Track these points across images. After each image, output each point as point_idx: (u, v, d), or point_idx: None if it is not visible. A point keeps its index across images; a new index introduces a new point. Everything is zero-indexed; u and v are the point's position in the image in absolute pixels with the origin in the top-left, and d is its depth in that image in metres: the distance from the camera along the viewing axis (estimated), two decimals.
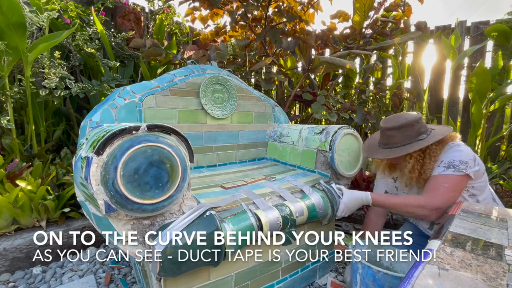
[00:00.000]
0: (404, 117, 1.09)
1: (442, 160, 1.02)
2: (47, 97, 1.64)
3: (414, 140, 1.06)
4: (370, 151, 1.21)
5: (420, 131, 1.07)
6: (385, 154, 1.11)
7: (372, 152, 1.19)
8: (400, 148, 1.07)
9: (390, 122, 1.10)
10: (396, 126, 1.07)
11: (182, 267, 0.72)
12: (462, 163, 0.97)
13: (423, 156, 1.06)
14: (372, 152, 1.20)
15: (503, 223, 0.71)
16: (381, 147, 1.16)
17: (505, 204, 1.59)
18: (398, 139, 1.08)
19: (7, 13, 1.31)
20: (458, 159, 0.99)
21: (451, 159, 1.00)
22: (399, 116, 1.11)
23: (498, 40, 2.27)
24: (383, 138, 1.14)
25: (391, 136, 1.10)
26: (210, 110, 1.41)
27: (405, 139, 1.07)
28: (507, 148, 2.30)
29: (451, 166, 0.98)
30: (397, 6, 2.14)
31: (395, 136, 1.08)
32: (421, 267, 0.50)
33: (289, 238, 1.01)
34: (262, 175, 1.25)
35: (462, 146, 1.03)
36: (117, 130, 0.67)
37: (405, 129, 1.06)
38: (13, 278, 1.15)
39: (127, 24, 2.38)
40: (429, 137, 1.06)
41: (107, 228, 0.72)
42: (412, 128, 1.06)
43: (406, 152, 1.05)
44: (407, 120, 1.06)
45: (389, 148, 1.11)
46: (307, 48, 2.07)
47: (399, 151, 1.07)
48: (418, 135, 1.07)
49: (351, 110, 2.28)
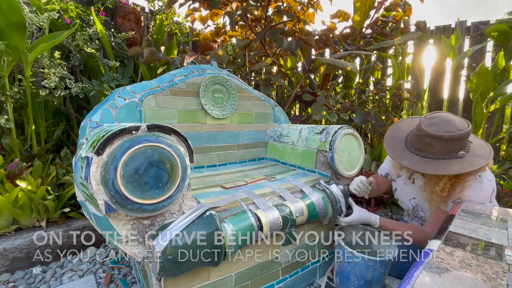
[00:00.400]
0: (455, 127, 0.89)
1: (460, 198, 0.92)
2: (47, 97, 1.64)
3: (453, 155, 0.90)
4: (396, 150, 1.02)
5: (463, 145, 0.91)
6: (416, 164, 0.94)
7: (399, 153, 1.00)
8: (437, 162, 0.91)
9: (437, 129, 0.91)
10: (443, 137, 0.89)
11: (182, 267, 0.72)
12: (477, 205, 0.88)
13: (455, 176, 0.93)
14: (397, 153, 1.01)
15: (503, 223, 0.71)
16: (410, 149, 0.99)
17: (505, 204, 1.59)
18: (437, 150, 0.91)
19: (7, 13, 1.31)
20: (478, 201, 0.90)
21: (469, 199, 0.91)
22: (449, 124, 0.91)
23: (498, 40, 2.27)
24: (418, 142, 0.96)
25: (430, 144, 0.92)
26: (210, 110, 1.41)
27: (445, 152, 0.91)
28: (507, 148, 2.30)
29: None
30: (397, 5, 2.14)
31: (436, 146, 0.91)
32: (421, 267, 0.50)
33: (289, 238, 1.01)
34: (262, 175, 1.25)
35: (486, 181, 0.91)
36: (117, 130, 0.67)
37: (451, 142, 0.89)
38: (13, 278, 1.15)
39: (127, 24, 2.37)
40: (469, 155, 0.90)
41: (107, 228, 0.72)
42: (459, 142, 0.89)
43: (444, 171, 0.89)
44: (457, 134, 0.88)
45: (421, 157, 0.94)
46: (308, 48, 2.07)
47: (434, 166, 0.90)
48: (459, 150, 0.91)
49: (351, 110, 2.28)
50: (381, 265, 0.97)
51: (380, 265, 0.97)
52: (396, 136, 1.07)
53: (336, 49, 2.46)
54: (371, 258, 0.96)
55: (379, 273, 0.98)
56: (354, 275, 1.00)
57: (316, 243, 1.18)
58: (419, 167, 0.92)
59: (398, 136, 1.06)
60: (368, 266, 0.97)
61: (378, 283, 0.99)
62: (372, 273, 0.97)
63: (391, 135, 1.09)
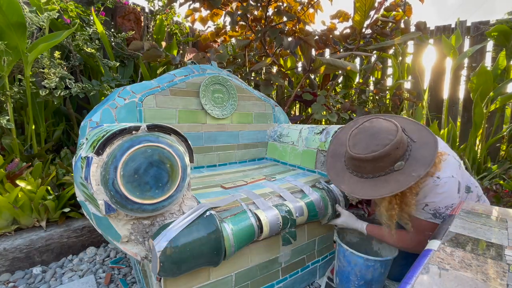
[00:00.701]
0: (378, 141, 0.83)
1: (427, 204, 0.86)
2: (47, 97, 1.64)
3: (390, 170, 0.83)
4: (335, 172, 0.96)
5: (397, 156, 0.83)
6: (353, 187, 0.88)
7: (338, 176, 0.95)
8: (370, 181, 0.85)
9: (358, 149, 0.85)
10: (368, 158, 0.82)
11: (182, 267, 0.72)
12: (448, 208, 0.85)
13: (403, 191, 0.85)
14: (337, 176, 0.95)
15: (503, 223, 0.71)
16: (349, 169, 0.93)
17: (505, 204, 1.59)
18: (369, 170, 0.86)
19: (7, 13, 1.31)
20: (444, 205, 0.84)
21: (436, 206, 0.85)
22: (372, 140, 0.84)
23: (498, 40, 2.27)
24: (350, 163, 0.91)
25: (360, 166, 0.87)
26: (210, 110, 1.41)
27: (377, 170, 0.85)
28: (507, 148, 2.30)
29: (438, 215, 0.85)
30: (397, 5, 2.15)
31: (366, 167, 0.85)
32: (421, 267, 0.50)
33: (289, 238, 1.01)
34: (262, 175, 1.25)
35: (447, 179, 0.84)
36: (117, 130, 0.67)
37: (380, 159, 0.82)
38: (13, 278, 1.15)
39: (127, 24, 2.38)
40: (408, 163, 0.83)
41: (107, 228, 0.72)
42: (388, 157, 0.82)
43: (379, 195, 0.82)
44: (382, 151, 0.81)
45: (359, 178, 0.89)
46: (308, 48, 2.07)
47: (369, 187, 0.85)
48: (394, 163, 0.83)
49: (351, 110, 2.29)
50: (381, 265, 0.97)
51: (380, 265, 0.97)
52: (336, 151, 1.00)
53: (336, 49, 2.46)
54: (371, 258, 0.96)
55: (379, 273, 0.98)
56: (354, 275, 1.00)
57: (316, 243, 1.18)
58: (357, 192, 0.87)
59: (339, 151, 0.99)
60: (368, 266, 0.97)
61: (378, 283, 0.99)
62: (372, 273, 0.97)
63: (332, 153, 1.01)
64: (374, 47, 2.04)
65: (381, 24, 2.21)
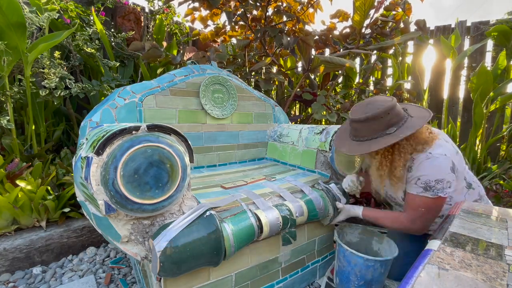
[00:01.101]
0: (372, 106, 0.95)
1: (419, 178, 0.93)
2: (47, 97, 1.64)
3: (381, 134, 0.94)
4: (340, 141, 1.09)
5: (390, 122, 0.94)
6: (351, 148, 1.00)
7: (341, 143, 1.07)
8: (366, 143, 0.96)
9: (356, 113, 0.98)
10: (361, 119, 0.95)
11: (182, 267, 0.72)
12: (439, 182, 0.90)
13: (391, 152, 0.96)
14: (340, 142, 1.08)
15: (503, 223, 0.71)
16: (351, 137, 1.05)
17: (505, 204, 1.59)
18: (364, 132, 0.97)
19: (7, 13, 1.31)
20: (435, 178, 0.91)
21: (427, 179, 0.92)
22: (367, 105, 0.97)
23: (498, 40, 2.27)
24: (351, 128, 1.03)
25: (357, 128, 0.99)
26: (210, 110, 1.41)
27: (371, 133, 0.95)
28: (507, 148, 2.30)
29: (428, 188, 0.92)
30: (397, 5, 2.14)
31: (361, 129, 0.97)
32: (421, 267, 0.50)
33: (289, 238, 1.01)
34: (262, 175, 1.25)
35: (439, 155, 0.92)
36: (117, 130, 0.67)
37: (371, 122, 0.94)
38: (13, 278, 1.15)
39: (127, 24, 2.38)
40: (400, 130, 0.93)
41: (107, 228, 0.72)
42: (380, 120, 0.93)
43: (368, 150, 0.94)
44: (373, 113, 0.92)
45: (356, 141, 1.01)
46: (307, 48, 2.07)
47: (363, 147, 0.96)
48: (386, 128, 0.94)
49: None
50: (381, 265, 0.97)
51: (380, 265, 0.97)
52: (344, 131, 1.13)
53: (336, 49, 2.46)
54: (371, 258, 0.96)
55: (379, 273, 0.98)
56: (354, 275, 1.00)
57: (316, 243, 1.18)
58: (353, 151, 0.99)
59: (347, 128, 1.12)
60: (368, 266, 0.97)
61: (378, 283, 0.99)
62: (372, 273, 0.97)
63: (343, 128, 1.15)
64: (374, 47, 2.04)
65: (381, 24, 2.21)
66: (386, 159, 0.97)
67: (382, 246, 1.12)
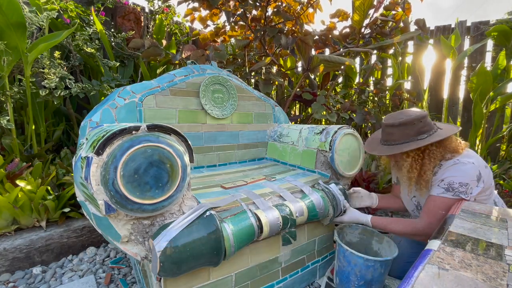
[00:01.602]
0: (406, 114, 1.04)
1: (443, 180, 0.97)
2: (47, 97, 1.64)
3: (413, 139, 1.01)
4: (370, 146, 1.18)
5: (422, 130, 1.01)
6: (383, 150, 1.09)
7: (372, 148, 1.16)
8: (397, 146, 1.04)
9: (390, 119, 1.07)
10: (395, 124, 1.03)
11: (182, 267, 0.72)
12: (462, 186, 0.93)
13: (422, 156, 1.03)
14: (371, 147, 1.17)
15: (503, 223, 0.71)
16: (381, 143, 1.13)
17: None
18: (396, 136, 1.04)
19: (7, 13, 1.31)
20: (459, 181, 0.94)
21: (451, 180, 0.95)
22: (401, 113, 1.06)
23: (498, 40, 2.27)
24: (383, 134, 1.12)
25: (390, 133, 1.07)
26: (210, 110, 1.41)
27: (403, 137, 1.03)
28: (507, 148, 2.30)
29: (450, 189, 0.95)
30: (397, 4, 2.14)
31: (394, 133, 1.05)
32: (421, 267, 0.50)
33: (289, 238, 1.01)
34: (262, 175, 1.25)
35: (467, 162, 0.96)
36: (117, 130, 0.67)
37: (404, 127, 1.02)
38: (13, 278, 1.15)
39: (127, 24, 2.38)
40: (430, 137, 1.00)
41: (107, 228, 0.72)
42: (412, 126, 1.01)
43: (400, 150, 1.01)
44: (407, 118, 1.01)
45: (387, 145, 1.08)
46: (306, 47, 2.07)
47: (395, 149, 1.03)
48: (418, 134, 1.01)
49: (351, 110, 2.28)
50: (381, 265, 0.97)
51: (380, 265, 0.97)
52: (374, 138, 1.23)
53: (336, 49, 2.46)
54: (371, 258, 0.96)
55: (379, 273, 0.98)
56: (354, 275, 1.00)
57: (316, 243, 1.18)
58: (384, 152, 1.07)
59: (376, 138, 1.21)
60: (368, 266, 0.97)
61: (378, 283, 0.99)
62: (372, 273, 0.97)
63: (371, 138, 1.25)
64: (373, 46, 2.04)
65: (381, 23, 2.21)
66: (417, 163, 1.03)
67: (382, 246, 1.12)
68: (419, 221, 1.01)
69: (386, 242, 1.10)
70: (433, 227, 0.96)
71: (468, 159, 0.97)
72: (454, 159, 0.99)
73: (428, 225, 0.97)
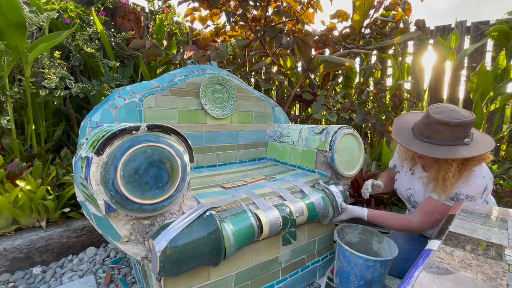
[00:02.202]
0: (461, 114, 0.93)
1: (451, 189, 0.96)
2: (47, 97, 1.64)
3: (460, 142, 0.93)
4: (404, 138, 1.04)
5: (469, 133, 0.94)
6: (426, 149, 0.95)
7: (407, 140, 1.02)
8: (446, 148, 0.93)
9: (445, 116, 0.93)
10: (451, 123, 0.91)
11: (182, 267, 0.72)
12: (468, 198, 0.93)
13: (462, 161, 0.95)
14: (406, 140, 1.02)
15: (503, 223, 0.71)
16: (419, 138, 1.00)
17: (505, 204, 1.59)
18: (445, 136, 0.94)
19: (7, 13, 1.31)
20: (466, 193, 0.93)
21: (459, 191, 0.94)
22: (455, 111, 0.94)
23: (498, 40, 2.27)
24: (426, 129, 0.98)
25: (438, 131, 0.94)
26: (210, 110, 1.41)
27: (452, 139, 0.93)
28: (507, 148, 2.30)
29: (456, 199, 0.94)
30: (397, 4, 2.14)
31: (444, 132, 0.93)
32: (421, 267, 0.50)
33: (289, 238, 1.01)
34: (262, 175, 1.25)
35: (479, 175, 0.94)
36: (117, 130, 0.67)
37: (458, 128, 0.91)
38: (13, 278, 1.15)
39: (127, 24, 2.38)
40: (473, 143, 0.93)
41: (107, 228, 0.72)
42: (465, 129, 0.92)
43: (453, 156, 0.91)
44: (464, 120, 0.91)
45: (430, 144, 0.96)
46: (306, 48, 2.07)
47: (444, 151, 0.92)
48: (464, 137, 0.93)
49: (351, 110, 2.28)
50: (381, 265, 0.97)
51: (380, 265, 0.97)
52: (403, 126, 1.09)
53: (336, 49, 2.46)
54: (371, 258, 0.96)
55: (379, 273, 0.98)
56: (354, 275, 1.00)
57: (316, 243, 1.18)
58: (429, 153, 0.94)
59: (405, 127, 1.08)
60: (368, 266, 0.97)
61: (378, 283, 0.99)
62: (372, 273, 0.97)
63: (398, 126, 1.11)
64: (373, 46, 2.04)
65: (381, 24, 2.21)
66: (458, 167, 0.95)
67: (382, 246, 1.12)
68: (413, 219, 1.01)
69: (386, 242, 1.11)
70: (426, 227, 0.99)
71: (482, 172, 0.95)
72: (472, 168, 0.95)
73: (421, 225, 0.99)
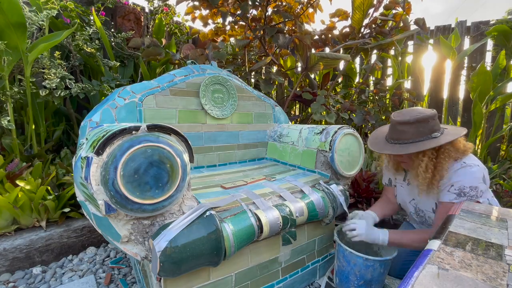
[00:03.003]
0: (419, 111, 1.01)
1: (452, 185, 0.96)
2: (47, 97, 1.64)
3: (427, 137, 0.98)
4: (377, 145, 1.10)
5: (434, 128, 0.99)
6: (396, 149, 1.02)
7: (380, 147, 1.09)
8: (413, 145, 0.99)
9: (403, 116, 1.02)
10: (410, 121, 0.98)
11: (182, 267, 0.72)
12: (473, 189, 0.93)
13: (436, 155, 1.00)
14: (379, 147, 1.09)
15: (503, 223, 0.71)
16: (390, 142, 1.07)
17: (505, 204, 1.59)
18: (410, 134, 1.00)
19: (7, 13, 1.31)
20: (469, 185, 0.94)
21: (461, 185, 0.94)
22: (413, 111, 1.02)
23: (498, 40, 2.27)
24: (394, 132, 1.05)
25: (403, 131, 1.01)
26: (210, 110, 1.41)
27: (418, 135, 0.99)
28: (507, 148, 2.30)
29: (462, 194, 0.94)
30: (396, 3, 2.14)
31: (408, 131, 1.00)
32: (421, 267, 0.50)
33: (289, 238, 1.01)
34: (262, 175, 1.25)
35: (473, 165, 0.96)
36: (117, 130, 0.67)
37: (419, 124, 0.98)
38: (13, 278, 1.15)
39: (127, 24, 2.38)
40: (443, 135, 0.99)
41: (107, 228, 0.72)
42: (427, 124, 0.98)
43: (419, 149, 0.96)
44: (422, 115, 0.98)
45: (400, 144, 1.02)
46: (304, 46, 2.07)
47: (412, 147, 0.98)
48: (431, 132, 0.98)
49: (351, 110, 2.28)
50: (381, 265, 0.97)
51: (380, 265, 0.97)
52: (378, 136, 1.17)
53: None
54: (371, 258, 0.96)
55: (379, 273, 0.98)
56: (354, 275, 1.00)
57: (316, 243, 1.18)
58: (397, 151, 1.01)
59: (380, 136, 1.15)
60: (368, 266, 0.97)
61: (378, 283, 1.00)
62: (372, 273, 0.97)
63: (374, 137, 1.18)
64: (373, 45, 2.04)
65: (380, 23, 2.21)
66: (432, 162, 1.00)
67: (382, 246, 1.12)
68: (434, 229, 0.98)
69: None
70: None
71: (474, 162, 0.97)
72: (461, 162, 0.98)
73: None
